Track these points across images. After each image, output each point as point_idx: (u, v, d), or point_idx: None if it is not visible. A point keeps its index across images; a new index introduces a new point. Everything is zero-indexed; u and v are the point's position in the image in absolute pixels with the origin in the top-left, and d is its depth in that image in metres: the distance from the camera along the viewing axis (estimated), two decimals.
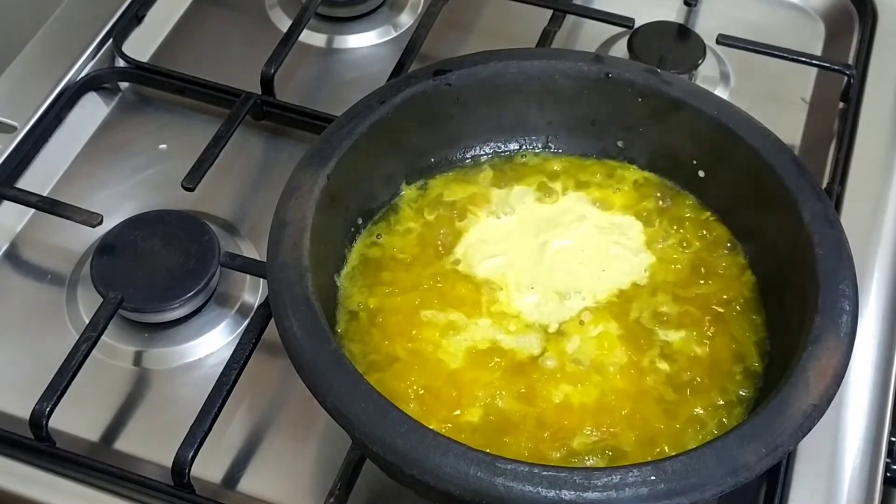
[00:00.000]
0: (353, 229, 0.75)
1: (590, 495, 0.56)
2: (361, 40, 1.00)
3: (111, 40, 0.95)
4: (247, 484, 0.72)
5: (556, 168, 0.80)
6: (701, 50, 0.95)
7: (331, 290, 0.72)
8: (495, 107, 0.78)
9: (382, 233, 0.76)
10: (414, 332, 0.70)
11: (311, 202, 0.68)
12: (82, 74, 0.93)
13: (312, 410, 0.63)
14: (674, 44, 0.95)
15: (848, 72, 0.93)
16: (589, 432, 0.66)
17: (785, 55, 0.94)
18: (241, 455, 0.74)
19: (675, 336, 0.71)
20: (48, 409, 0.71)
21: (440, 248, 0.75)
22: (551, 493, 0.56)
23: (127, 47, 0.95)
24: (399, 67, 0.92)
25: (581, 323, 0.71)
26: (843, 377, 0.62)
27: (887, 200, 0.86)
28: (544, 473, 0.57)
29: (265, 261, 0.67)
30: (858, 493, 0.71)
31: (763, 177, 0.72)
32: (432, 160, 0.79)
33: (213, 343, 0.79)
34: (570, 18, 0.99)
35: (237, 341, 0.74)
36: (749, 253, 0.75)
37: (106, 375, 0.77)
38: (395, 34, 1.01)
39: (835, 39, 1.00)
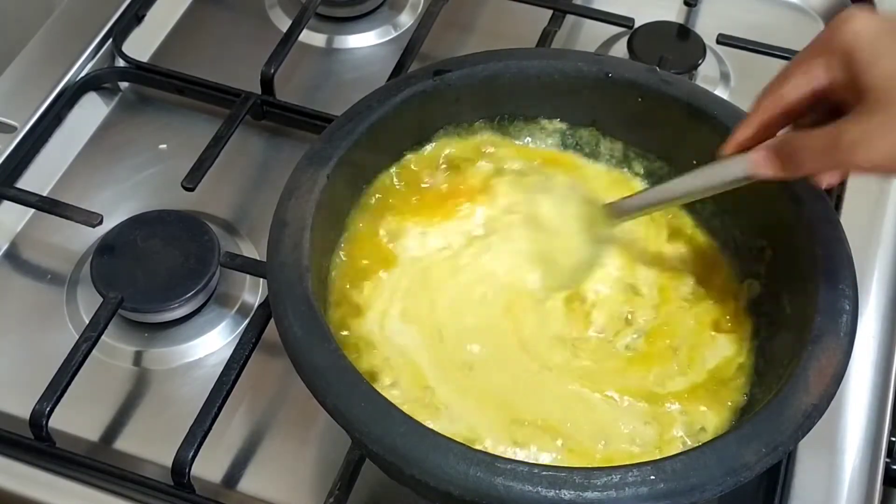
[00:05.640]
0: None
1: (589, 495, 0.56)
2: (361, 40, 1.00)
3: (111, 40, 0.95)
4: (247, 484, 0.72)
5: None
6: (701, 50, 0.95)
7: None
8: (495, 107, 0.78)
9: None
10: None
11: (311, 202, 0.68)
12: (82, 74, 0.93)
13: (312, 410, 0.63)
14: (674, 44, 0.95)
15: None
16: None
17: (785, 55, 0.94)
18: (241, 455, 0.74)
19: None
20: (48, 409, 0.71)
21: None
22: (551, 493, 0.56)
23: (127, 47, 0.95)
24: (399, 67, 0.92)
25: None
26: (842, 377, 0.62)
27: (887, 200, 0.86)
28: (544, 473, 0.57)
29: (265, 261, 0.67)
30: (858, 493, 0.71)
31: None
32: None
33: (213, 343, 0.79)
34: (570, 18, 0.99)
35: (237, 341, 0.74)
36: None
37: (106, 375, 0.77)
38: (395, 34, 1.01)
39: None
